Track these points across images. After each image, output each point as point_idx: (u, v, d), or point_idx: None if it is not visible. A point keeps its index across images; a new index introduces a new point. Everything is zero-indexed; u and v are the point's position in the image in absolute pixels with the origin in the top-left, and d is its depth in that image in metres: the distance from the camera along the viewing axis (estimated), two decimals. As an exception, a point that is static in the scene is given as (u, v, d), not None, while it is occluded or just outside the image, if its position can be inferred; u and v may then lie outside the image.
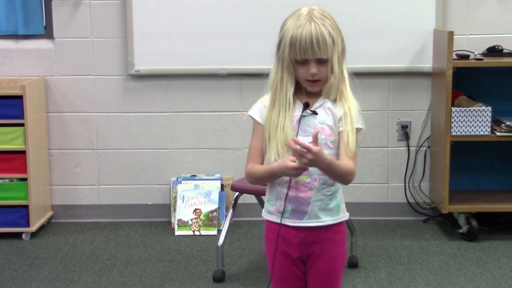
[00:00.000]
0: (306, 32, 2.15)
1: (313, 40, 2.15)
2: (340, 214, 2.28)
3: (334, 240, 2.28)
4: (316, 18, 2.17)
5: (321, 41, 2.15)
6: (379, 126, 4.52)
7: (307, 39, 2.15)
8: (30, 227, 4.28)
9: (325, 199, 2.24)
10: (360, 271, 3.76)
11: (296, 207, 2.23)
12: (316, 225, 2.24)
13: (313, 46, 2.15)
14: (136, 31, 4.41)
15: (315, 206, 2.23)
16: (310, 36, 2.15)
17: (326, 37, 2.16)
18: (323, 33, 2.15)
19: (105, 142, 4.58)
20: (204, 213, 4.42)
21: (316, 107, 2.23)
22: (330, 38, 2.17)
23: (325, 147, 2.19)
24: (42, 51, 4.51)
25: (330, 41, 2.17)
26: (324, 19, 2.19)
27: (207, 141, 4.58)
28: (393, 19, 4.37)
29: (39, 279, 3.71)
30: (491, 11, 4.41)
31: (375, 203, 4.59)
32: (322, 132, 2.20)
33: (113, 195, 4.64)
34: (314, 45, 2.15)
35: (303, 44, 2.16)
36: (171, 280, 3.69)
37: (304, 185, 2.22)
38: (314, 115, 2.22)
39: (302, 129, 2.21)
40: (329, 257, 2.28)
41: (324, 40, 2.16)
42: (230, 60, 4.42)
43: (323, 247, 2.26)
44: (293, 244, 2.27)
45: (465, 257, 3.96)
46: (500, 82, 4.42)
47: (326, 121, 2.22)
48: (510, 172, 4.53)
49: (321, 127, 2.20)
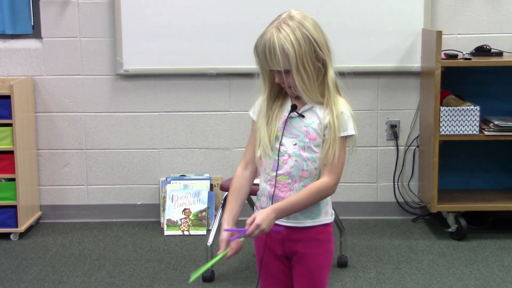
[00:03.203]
0: (263, 43, 2.13)
1: (266, 52, 2.12)
2: (321, 217, 2.25)
3: (317, 240, 2.26)
4: (281, 28, 2.12)
5: (272, 54, 2.10)
6: (368, 125, 4.53)
7: (261, 50, 2.14)
8: (19, 227, 4.27)
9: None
10: (349, 271, 3.77)
11: None
12: (295, 225, 2.24)
13: (266, 58, 2.13)
14: (125, 30, 4.40)
15: None
16: (264, 47, 2.12)
17: (277, 50, 2.09)
18: (275, 46, 2.09)
19: (93, 142, 4.57)
20: (194, 213, 4.42)
21: (304, 110, 2.22)
22: (282, 51, 2.09)
23: (308, 150, 2.19)
24: (30, 50, 4.49)
25: (283, 54, 2.09)
26: (294, 29, 2.12)
27: (196, 141, 4.58)
28: (382, 18, 4.38)
29: (27, 280, 3.69)
30: (479, 11, 4.43)
31: (364, 202, 4.60)
32: (307, 135, 2.20)
33: (102, 195, 4.63)
34: (267, 57, 2.12)
35: (260, 54, 2.15)
36: (161, 280, 3.68)
37: (285, 185, 2.22)
38: (301, 118, 2.21)
39: (287, 130, 2.21)
40: (313, 256, 2.26)
41: (275, 53, 2.10)
42: (219, 60, 4.42)
43: (306, 246, 2.25)
44: (275, 240, 2.27)
45: (454, 256, 3.97)
46: (489, 81, 4.44)
47: (311, 125, 2.20)
48: (498, 171, 4.55)
49: (305, 130, 2.20)
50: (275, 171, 2.21)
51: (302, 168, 2.19)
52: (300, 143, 2.18)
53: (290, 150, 2.19)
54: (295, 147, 2.19)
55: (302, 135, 2.18)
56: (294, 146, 2.19)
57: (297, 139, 2.20)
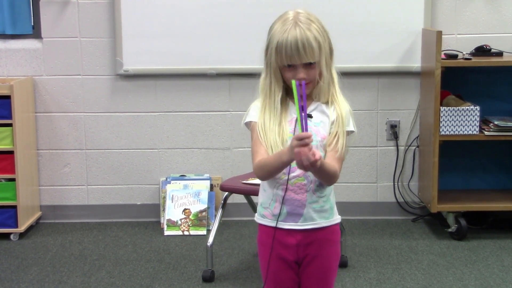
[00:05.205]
0: (292, 37, 2.15)
1: (298, 45, 2.15)
2: (334, 216, 2.29)
3: (329, 240, 2.28)
4: (301, 23, 2.17)
5: (306, 46, 2.15)
6: (368, 125, 4.52)
7: (292, 44, 2.15)
8: (19, 227, 4.27)
9: (319, 201, 2.24)
10: (349, 271, 3.76)
11: (292, 210, 2.23)
12: (312, 227, 2.25)
13: (299, 51, 2.16)
14: (125, 30, 4.40)
15: (310, 209, 2.23)
16: (296, 41, 2.15)
17: (311, 41, 2.15)
18: (308, 38, 2.15)
19: (93, 142, 4.57)
20: (194, 213, 4.41)
21: (311, 110, 2.24)
22: (316, 42, 2.17)
23: (320, 149, 2.20)
24: (30, 51, 4.49)
25: (316, 45, 2.17)
26: (310, 23, 2.18)
27: (196, 141, 4.57)
28: (382, 18, 4.38)
29: (27, 280, 3.69)
30: (479, 11, 4.42)
31: (364, 202, 4.60)
32: (318, 134, 2.21)
33: (102, 195, 4.63)
34: (300, 50, 2.15)
35: (289, 49, 2.16)
36: (160, 280, 3.68)
37: (300, 187, 2.22)
38: (310, 118, 2.21)
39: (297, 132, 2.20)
40: (324, 257, 2.28)
41: (310, 45, 2.15)
42: (219, 60, 4.42)
43: (319, 247, 2.26)
44: (289, 247, 2.27)
45: (454, 256, 3.97)
46: (489, 81, 4.44)
47: (321, 124, 2.23)
48: (498, 171, 4.54)
49: (316, 130, 2.21)
50: (287, 174, 2.21)
51: None
52: (314, 142, 2.18)
53: None
54: None
55: (314, 135, 2.18)
56: None
57: None
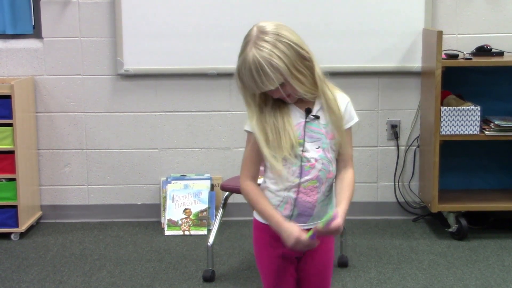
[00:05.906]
0: (247, 67, 2.08)
1: (253, 75, 2.08)
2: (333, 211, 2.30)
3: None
4: (261, 46, 2.07)
5: (262, 74, 2.07)
6: (369, 125, 4.52)
7: (247, 74, 2.09)
8: (19, 227, 4.27)
9: (325, 200, 2.27)
10: (350, 271, 3.76)
11: (303, 211, 2.24)
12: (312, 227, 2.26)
13: (255, 80, 2.09)
14: (125, 30, 4.40)
15: (319, 209, 2.25)
16: (250, 71, 2.07)
17: (266, 68, 2.06)
18: (262, 65, 2.06)
19: (94, 142, 4.57)
20: (194, 213, 4.41)
21: (316, 110, 2.21)
22: (272, 66, 2.06)
23: (330, 151, 2.20)
24: (30, 50, 4.49)
25: (274, 69, 2.06)
26: (274, 42, 2.08)
27: (196, 141, 4.57)
28: (383, 18, 4.38)
29: (28, 280, 3.69)
30: (480, 11, 4.42)
31: (365, 202, 4.60)
32: (327, 136, 2.20)
33: (102, 195, 4.63)
34: (257, 79, 2.08)
35: (246, 80, 2.10)
36: (161, 280, 3.68)
37: (312, 190, 2.22)
38: (317, 120, 2.20)
39: (307, 135, 2.19)
40: (323, 252, 2.31)
41: (264, 72, 2.06)
42: (220, 59, 4.41)
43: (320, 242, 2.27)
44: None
45: (454, 256, 3.97)
46: (489, 81, 4.44)
47: (328, 125, 2.20)
48: (499, 171, 4.54)
49: (325, 131, 2.19)
50: (299, 177, 2.19)
51: (329, 170, 2.21)
52: (324, 145, 2.18)
53: (315, 154, 2.18)
54: (319, 150, 2.18)
55: (323, 137, 2.18)
56: (318, 150, 2.18)
57: (320, 142, 2.19)
